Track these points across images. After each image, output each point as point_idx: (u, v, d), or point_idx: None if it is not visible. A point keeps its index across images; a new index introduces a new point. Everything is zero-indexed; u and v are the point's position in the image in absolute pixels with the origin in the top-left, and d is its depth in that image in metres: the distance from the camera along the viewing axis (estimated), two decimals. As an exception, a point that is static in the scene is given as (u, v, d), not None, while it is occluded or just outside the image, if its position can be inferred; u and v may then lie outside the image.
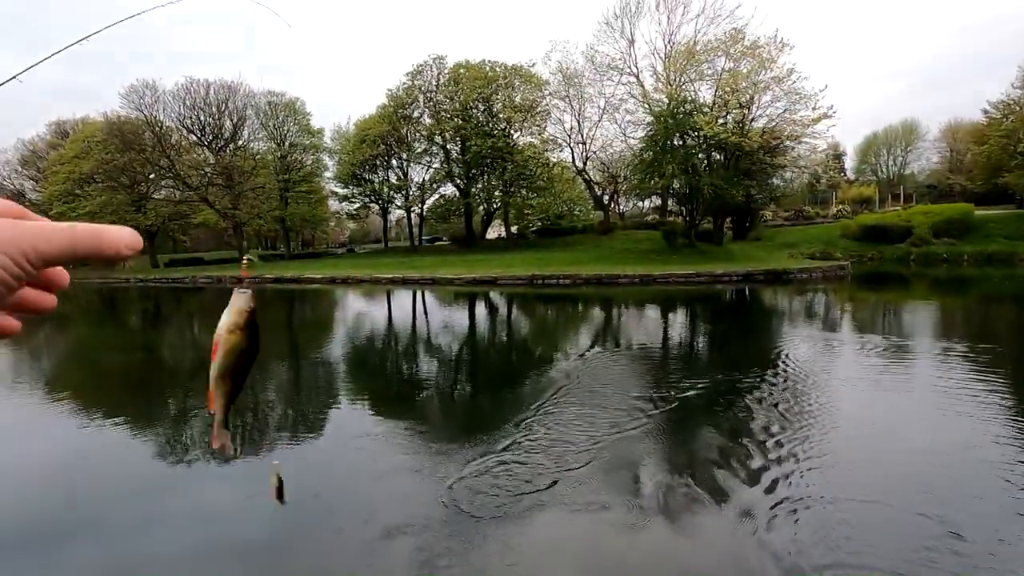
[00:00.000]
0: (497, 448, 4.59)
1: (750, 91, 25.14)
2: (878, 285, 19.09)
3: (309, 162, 46.58)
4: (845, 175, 51.73)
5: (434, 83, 39.44)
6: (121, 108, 40.38)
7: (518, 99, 37.03)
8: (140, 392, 7.89)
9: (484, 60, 38.30)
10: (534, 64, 37.58)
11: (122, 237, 0.36)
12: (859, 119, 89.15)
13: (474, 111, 38.06)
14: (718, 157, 27.09)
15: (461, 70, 38.05)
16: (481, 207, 42.24)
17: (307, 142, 45.81)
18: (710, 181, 23.41)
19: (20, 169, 52.58)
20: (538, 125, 37.34)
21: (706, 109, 25.10)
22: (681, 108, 24.27)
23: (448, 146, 40.60)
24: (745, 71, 25.06)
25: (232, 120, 42.59)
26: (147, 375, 9.28)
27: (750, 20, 29.74)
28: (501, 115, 37.39)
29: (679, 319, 13.04)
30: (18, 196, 52.57)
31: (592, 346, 9.40)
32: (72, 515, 3.82)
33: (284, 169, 44.12)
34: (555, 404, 5.78)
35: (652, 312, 14.47)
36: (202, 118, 41.82)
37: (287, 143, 44.84)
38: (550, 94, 35.87)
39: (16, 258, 0.33)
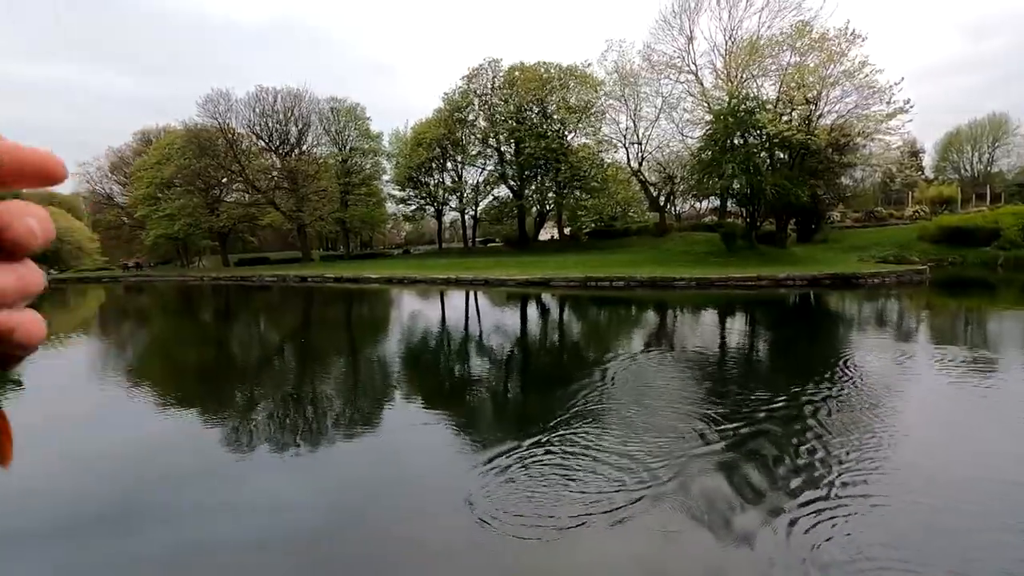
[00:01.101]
0: (529, 452, 4.58)
1: (817, 86, 24.00)
2: (961, 291, 17.75)
3: (368, 166, 48.10)
4: (923, 173, 48.44)
5: (489, 86, 39.85)
6: (199, 116, 43.05)
7: (573, 100, 36.88)
8: (212, 383, 8.37)
9: (539, 62, 38.36)
10: (589, 64, 37.34)
11: None
12: (940, 113, 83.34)
13: (528, 113, 38.18)
14: (781, 156, 26.01)
15: (516, 73, 38.27)
16: (534, 209, 42.32)
17: (366, 146, 47.32)
18: (773, 181, 22.48)
19: (110, 175, 56.91)
20: (592, 126, 37.07)
21: (769, 106, 24.14)
22: (743, 106, 23.44)
23: (502, 148, 40.92)
24: (812, 65, 23.94)
25: (297, 126, 44.57)
26: (218, 367, 9.83)
27: (818, 12, 28.45)
28: (555, 116, 37.35)
29: (738, 324, 12.59)
30: (108, 199, 57.02)
31: (646, 350, 9.23)
32: (146, 497, 4.09)
33: (345, 172, 45.75)
34: (604, 410, 5.71)
35: (709, 316, 14.05)
36: (270, 124, 43.95)
37: (348, 147, 46.49)
38: (605, 94, 35.53)
39: None
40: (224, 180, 46.24)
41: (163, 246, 53.61)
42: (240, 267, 46.61)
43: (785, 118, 24.44)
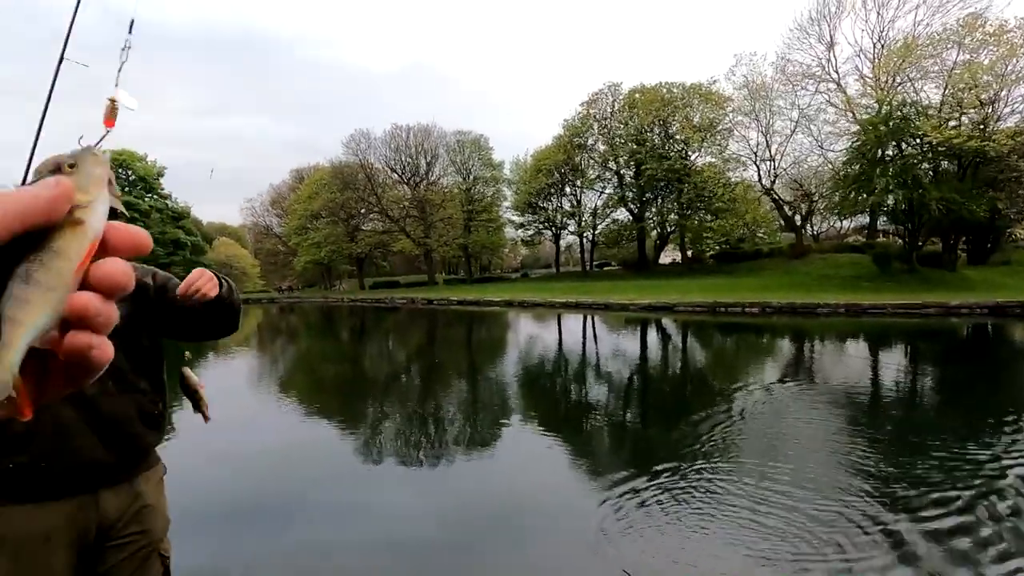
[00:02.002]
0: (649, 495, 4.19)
1: (995, 85, 20.77)
2: None
3: (490, 193, 50.04)
4: None
5: (609, 110, 39.75)
6: (343, 155, 47.88)
7: (697, 119, 35.50)
8: (348, 396, 8.95)
9: (660, 83, 37.59)
10: (715, 81, 35.83)
11: (34, 188, 0.30)
12: None
13: (649, 134, 37.41)
14: (947, 166, 22.74)
15: (636, 95, 37.79)
16: (654, 231, 41.06)
17: (488, 175, 49.32)
18: (939, 195, 19.64)
19: (270, 208, 64.93)
20: (718, 144, 35.31)
21: (931, 111, 21.32)
22: (898, 112, 20.93)
23: (622, 171, 40.40)
24: (987, 62, 20.81)
25: (426, 159, 47.80)
26: (354, 382, 10.52)
27: (991, 2, 24.69)
28: (678, 136, 36.17)
29: (898, 358, 10.97)
30: (267, 230, 65.01)
31: (782, 380, 8.31)
32: (284, 497, 4.36)
33: (468, 200, 47.98)
34: (751, 449, 5.15)
35: (865, 348, 12.42)
36: (403, 158, 47.57)
37: (471, 176, 48.80)
38: (733, 110, 33.76)
39: None
40: (363, 211, 50.69)
41: (310, 271, 59.69)
42: (374, 290, 50.46)
43: (952, 123, 21.41)
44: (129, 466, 1.57)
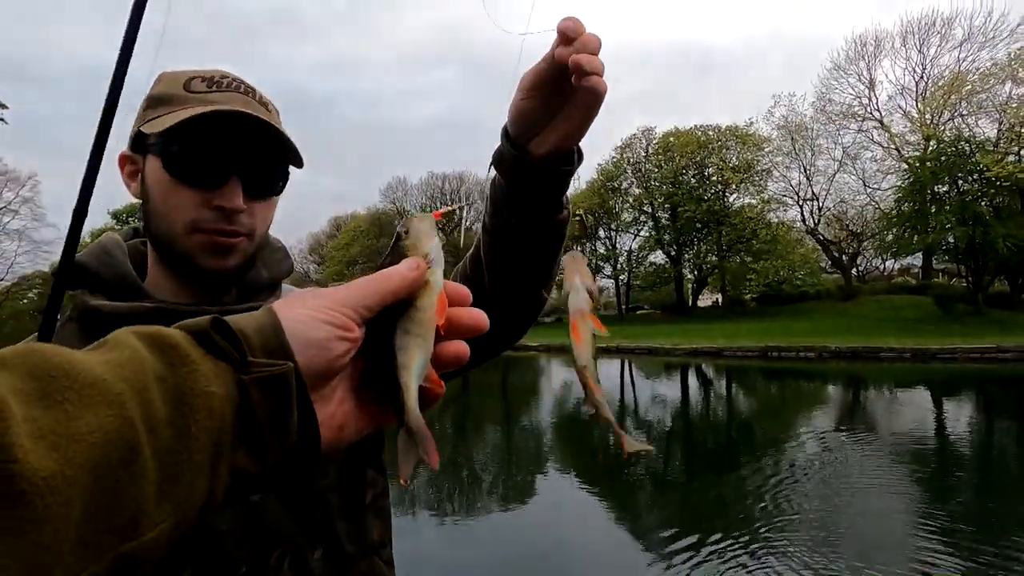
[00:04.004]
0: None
1: (1056, 118, 19.93)
2: None
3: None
4: None
5: (643, 154, 39.82)
6: (380, 203, 49.19)
7: (734, 160, 35.18)
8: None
9: (695, 126, 37.59)
10: (752, 122, 35.65)
11: (399, 269, 0.40)
12: None
13: (685, 176, 37.19)
14: (1005, 202, 21.62)
15: (671, 139, 37.80)
16: (692, 274, 40.24)
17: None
18: (1005, 232, 18.57)
19: (308, 256, 66.75)
20: (757, 184, 34.78)
21: (989, 146, 20.51)
22: (951, 148, 20.19)
23: (657, 214, 40.07)
24: (1046, 95, 20.06)
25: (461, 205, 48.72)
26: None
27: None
28: (715, 178, 35.84)
29: (978, 409, 10.01)
30: (306, 276, 66.73)
31: (850, 431, 7.55)
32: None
33: (503, 245, 48.38)
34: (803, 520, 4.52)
35: (941, 398, 11.44)
36: (438, 205, 48.50)
37: (504, 222, 49.38)
38: (771, 150, 33.37)
39: (361, 312, 0.38)
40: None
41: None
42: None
43: (1011, 158, 20.51)
44: None
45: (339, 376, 0.40)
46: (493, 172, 0.74)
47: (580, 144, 0.71)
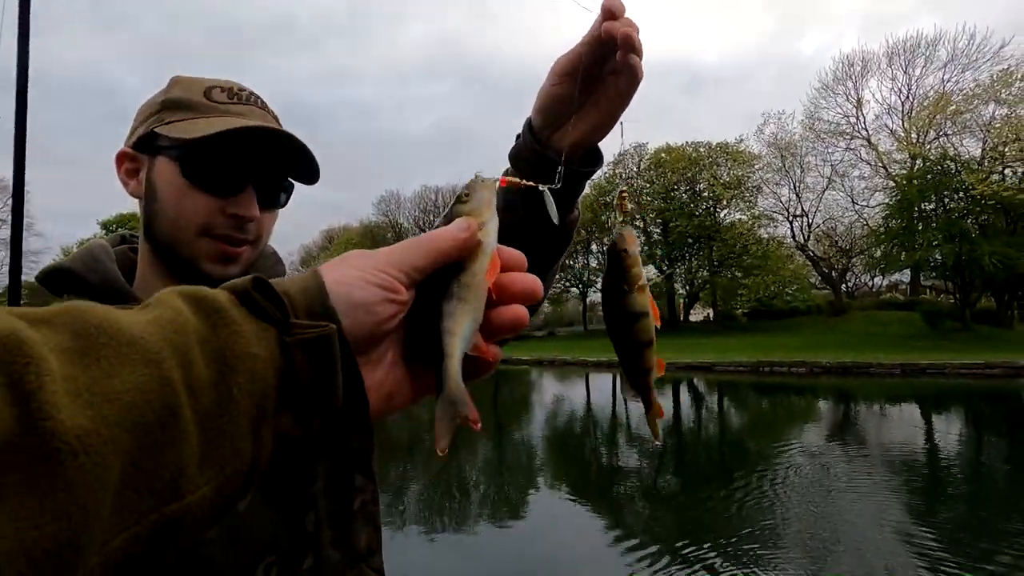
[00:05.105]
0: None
1: (1039, 138, 20.36)
2: None
3: (516, 251, 50.40)
4: None
5: (635, 169, 40.17)
6: (373, 216, 49.15)
7: (725, 176, 35.60)
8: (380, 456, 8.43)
9: (687, 142, 38.04)
10: (742, 139, 36.14)
11: (450, 230, 0.39)
12: None
13: (676, 192, 37.54)
14: (988, 220, 21.97)
15: (662, 155, 38.21)
16: (684, 289, 40.46)
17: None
18: (991, 249, 18.86)
19: (300, 268, 66.45)
20: (747, 200, 35.18)
21: (974, 165, 20.90)
22: (937, 167, 20.56)
23: (649, 228, 40.35)
24: (1029, 115, 20.51)
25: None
26: (383, 442, 10.00)
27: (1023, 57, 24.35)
28: (706, 194, 36.21)
29: (967, 425, 10.07)
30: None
31: (843, 445, 7.56)
32: None
33: (493, 260, 48.34)
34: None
35: (931, 413, 11.50)
36: (432, 219, 48.51)
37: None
38: (761, 167, 33.82)
39: (409, 273, 0.37)
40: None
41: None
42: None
43: (995, 176, 20.91)
44: None
45: (388, 341, 0.39)
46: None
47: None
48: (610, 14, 0.58)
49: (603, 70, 0.62)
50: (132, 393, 0.26)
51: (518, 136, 0.72)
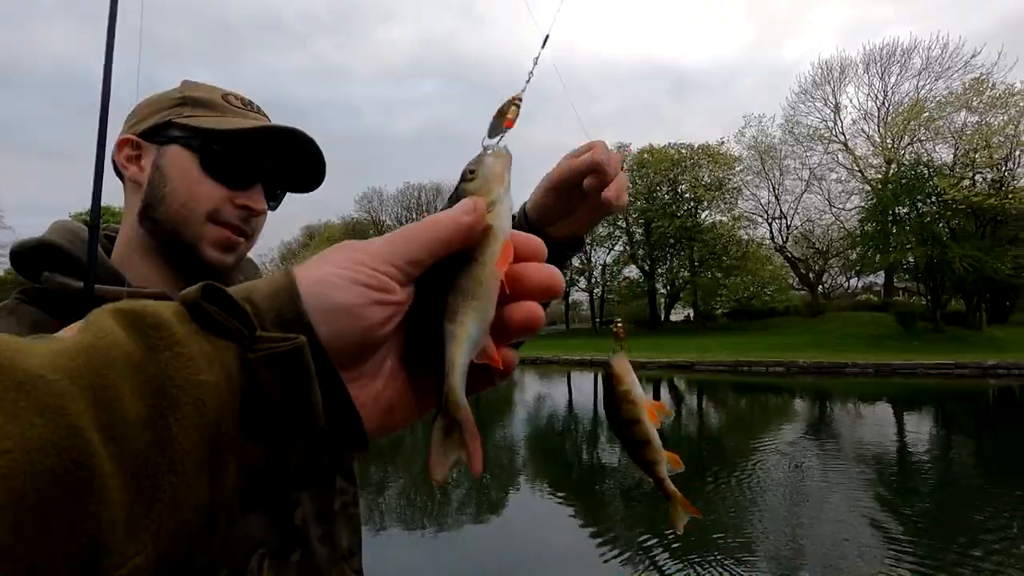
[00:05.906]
0: None
1: (1008, 145, 20.96)
2: None
3: (499, 250, 50.40)
4: None
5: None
6: (355, 212, 48.70)
7: (706, 178, 36.02)
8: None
9: (669, 143, 38.39)
10: (723, 141, 36.59)
11: (451, 214, 0.33)
12: None
13: (659, 192, 37.87)
14: (964, 224, 22.61)
15: (645, 155, 38.50)
16: (665, 288, 40.84)
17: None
18: (961, 252, 19.39)
19: (280, 264, 65.54)
20: (727, 202, 35.66)
21: (946, 170, 21.45)
22: (911, 172, 21.06)
23: (632, 229, 40.63)
24: (998, 124, 21.09)
25: (437, 216, 48.66)
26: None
27: (993, 67, 25.11)
28: (687, 195, 36.60)
29: (937, 423, 10.35)
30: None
31: (817, 441, 7.73)
32: None
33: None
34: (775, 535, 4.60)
35: (903, 413, 11.79)
36: (414, 216, 48.27)
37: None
38: (741, 170, 34.30)
39: (404, 268, 0.31)
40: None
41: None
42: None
43: (966, 182, 21.49)
44: None
45: (386, 347, 0.33)
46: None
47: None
48: (598, 174, 0.69)
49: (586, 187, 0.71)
50: (14, 453, 0.20)
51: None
